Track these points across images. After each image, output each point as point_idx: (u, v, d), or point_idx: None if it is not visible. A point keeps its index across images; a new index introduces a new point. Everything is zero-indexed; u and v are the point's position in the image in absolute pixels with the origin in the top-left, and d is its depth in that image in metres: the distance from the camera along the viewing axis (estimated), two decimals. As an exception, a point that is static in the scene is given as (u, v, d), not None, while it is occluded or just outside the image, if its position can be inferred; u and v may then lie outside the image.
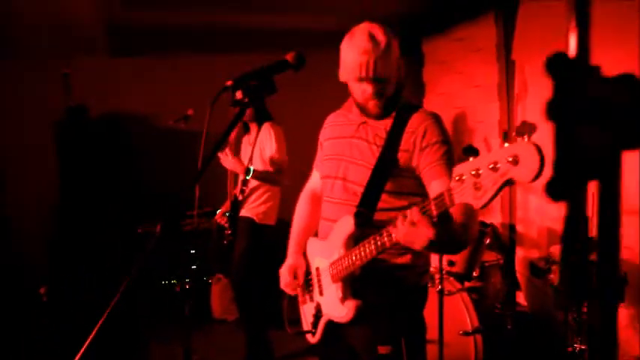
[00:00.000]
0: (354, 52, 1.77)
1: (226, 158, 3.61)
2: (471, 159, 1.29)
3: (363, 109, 1.89)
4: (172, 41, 5.33)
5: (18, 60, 4.97)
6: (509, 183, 1.20)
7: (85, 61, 5.20)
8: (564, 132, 0.58)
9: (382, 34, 1.77)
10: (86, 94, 5.10)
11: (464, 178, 1.28)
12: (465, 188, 1.28)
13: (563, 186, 0.60)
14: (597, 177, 0.61)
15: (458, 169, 1.30)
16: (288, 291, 2.12)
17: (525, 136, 1.13)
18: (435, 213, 1.44)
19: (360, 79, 1.79)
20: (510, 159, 1.16)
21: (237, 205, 3.79)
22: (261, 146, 3.70)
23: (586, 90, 0.58)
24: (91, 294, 4.22)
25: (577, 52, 0.59)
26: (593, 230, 0.70)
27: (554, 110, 0.58)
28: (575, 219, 0.65)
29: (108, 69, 5.25)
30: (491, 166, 1.21)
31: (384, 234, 1.63)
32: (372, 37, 1.75)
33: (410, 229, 1.50)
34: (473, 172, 1.25)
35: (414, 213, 1.48)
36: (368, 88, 1.80)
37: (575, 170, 0.60)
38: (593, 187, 0.63)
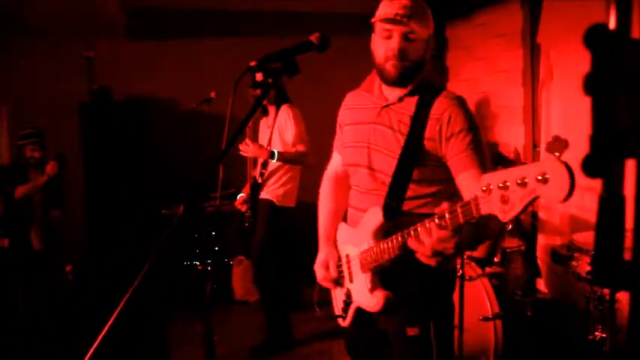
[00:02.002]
0: (394, 4, 1.76)
1: (247, 148, 3.61)
2: (499, 171, 1.26)
3: (380, 73, 1.83)
4: (193, 24, 5.35)
5: (43, 43, 5.04)
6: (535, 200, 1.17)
7: (108, 45, 5.25)
8: (602, 106, 0.57)
9: (425, 4, 1.81)
10: (110, 77, 5.15)
11: (491, 188, 1.25)
12: (492, 200, 1.25)
13: (599, 162, 0.58)
14: (635, 154, 0.59)
15: (485, 179, 1.27)
16: (326, 285, 2.10)
17: (556, 154, 1.09)
18: (461, 221, 1.40)
19: (393, 22, 1.74)
20: (539, 177, 1.12)
21: (256, 188, 3.82)
22: (280, 129, 3.71)
23: (626, 63, 0.56)
24: (113, 273, 4.29)
25: (617, 25, 0.57)
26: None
27: (592, 83, 0.57)
28: (611, 198, 0.64)
29: (130, 52, 5.29)
30: (519, 182, 1.17)
31: (412, 233, 1.58)
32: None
33: (437, 244, 1.49)
34: (500, 185, 1.22)
35: (434, 234, 1.48)
36: (394, 43, 1.75)
37: (612, 146, 0.58)
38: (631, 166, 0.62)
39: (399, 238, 1.65)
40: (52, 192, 4.18)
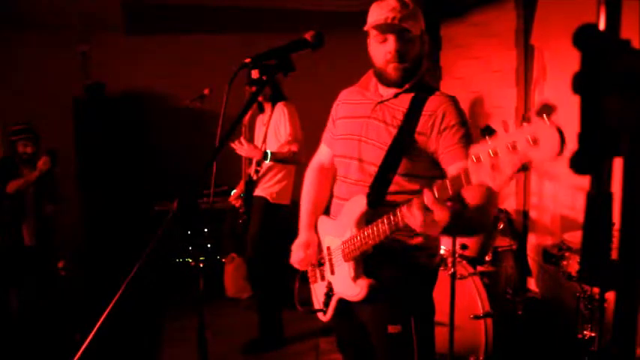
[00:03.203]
0: (383, 9, 1.79)
1: (241, 147, 3.60)
2: (488, 139, 1.25)
3: (381, 76, 1.86)
4: (190, 20, 5.34)
5: (38, 37, 5.01)
6: (526, 166, 1.17)
7: (103, 39, 5.22)
8: (591, 105, 0.58)
9: (411, 1, 1.82)
10: (104, 72, 5.13)
11: (481, 157, 1.25)
12: (482, 168, 1.25)
13: (587, 159, 0.59)
14: (623, 152, 0.60)
15: (475, 149, 1.27)
16: (299, 267, 2.13)
17: (545, 117, 1.09)
18: (450, 192, 1.42)
19: (386, 28, 1.78)
20: (530, 139, 1.12)
21: (251, 185, 3.81)
22: (275, 126, 3.71)
23: (614, 63, 0.57)
24: (108, 270, 4.28)
25: (606, 25, 0.58)
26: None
27: (581, 82, 0.58)
28: (598, 195, 0.65)
29: (126, 47, 5.27)
30: (509, 147, 1.17)
31: (398, 214, 1.62)
32: (401, 0, 1.80)
33: (425, 216, 1.49)
34: (490, 152, 1.22)
35: (428, 198, 1.46)
36: (391, 45, 1.78)
37: (600, 144, 0.59)
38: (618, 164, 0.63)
39: (385, 220, 1.67)
40: (45, 187, 4.16)
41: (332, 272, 1.97)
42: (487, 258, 3.49)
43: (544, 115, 1.10)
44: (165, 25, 5.34)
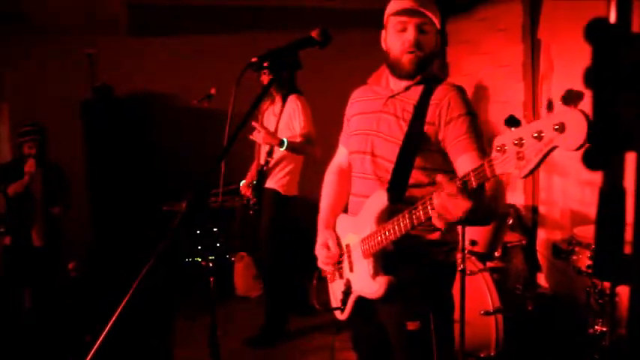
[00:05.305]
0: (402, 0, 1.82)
1: (258, 134, 3.54)
2: (512, 129, 1.26)
3: (394, 67, 1.88)
4: (195, 20, 5.34)
5: (45, 40, 5.03)
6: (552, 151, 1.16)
7: (110, 41, 5.23)
8: (603, 100, 0.58)
9: None
10: (112, 74, 5.14)
11: (506, 148, 1.25)
12: (507, 158, 1.25)
13: (600, 155, 0.59)
14: (636, 148, 0.60)
15: (499, 140, 1.28)
16: (326, 266, 2.10)
17: (572, 105, 1.09)
18: (474, 184, 1.40)
19: (408, 13, 1.81)
20: (556, 127, 1.11)
21: (263, 175, 3.79)
22: (289, 119, 3.68)
23: (626, 57, 0.57)
24: (118, 270, 4.30)
25: (617, 19, 0.58)
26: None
27: (592, 78, 0.57)
28: (611, 191, 0.64)
29: (132, 49, 5.28)
30: (535, 135, 1.17)
31: (420, 207, 1.60)
32: None
33: (447, 200, 1.46)
34: (515, 142, 1.22)
35: (452, 185, 1.45)
36: (410, 34, 1.81)
37: (612, 139, 0.59)
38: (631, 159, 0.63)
39: (406, 215, 1.65)
40: (54, 189, 4.18)
41: (351, 270, 1.97)
42: (497, 254, 3.48)
43: (570, 103, 1.09)
44: (170, 25, 5.35)
